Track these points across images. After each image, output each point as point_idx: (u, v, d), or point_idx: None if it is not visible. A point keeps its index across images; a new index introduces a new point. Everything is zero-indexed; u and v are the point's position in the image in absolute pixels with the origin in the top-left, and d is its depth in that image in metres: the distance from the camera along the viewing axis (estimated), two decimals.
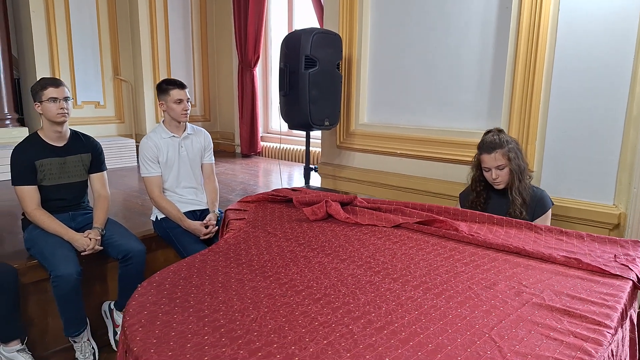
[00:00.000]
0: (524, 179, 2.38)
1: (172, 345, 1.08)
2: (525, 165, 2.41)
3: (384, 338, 1.14)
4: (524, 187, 2.37)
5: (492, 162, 2.34)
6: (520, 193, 2.36)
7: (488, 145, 2.36)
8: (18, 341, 2.39)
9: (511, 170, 2.34)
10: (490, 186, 2.44)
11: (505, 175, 2.35)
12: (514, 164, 2.34)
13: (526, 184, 2.39)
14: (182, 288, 1.37)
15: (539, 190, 2.46)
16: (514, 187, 2.36)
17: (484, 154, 2.37)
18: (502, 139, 2.37)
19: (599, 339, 1.15)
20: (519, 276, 1.50)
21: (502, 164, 2.33)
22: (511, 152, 2.34)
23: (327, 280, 1.44)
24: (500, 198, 2.40)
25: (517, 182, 2.35)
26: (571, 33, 2.64)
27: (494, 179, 2.36)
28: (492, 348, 1.11)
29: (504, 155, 2.33)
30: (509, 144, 2.36)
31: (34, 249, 2.51)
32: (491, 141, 2.37)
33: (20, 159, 2.50)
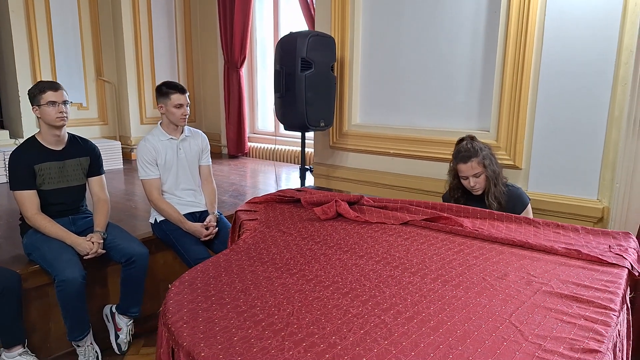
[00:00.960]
0: (498, 183, 2.47)
1: (220, 339, 1.16)
2: (499, 170, 2.51)
3: (415, 327, 1.24)
4: (500, 192, 2.47)
5: (469, 171, 2.43)
6: (496, 198, 2.46)
7: (464, 155, 2.44)
8: (20, 345, 2.41)
9: (487, 177, 2.44)
10: (469, 192, 2.54)
11: (482, 182, 2.46)
12: (490, 170, 2.44)
13: (501, 188, 2.48)
14: (214, 286, 1.45)
15: (514, 189, 2.57)
16: (490, 193, 2.46)
17: (460, 164, 2.46)
18: (476, 147, 2.46)
19: (607, 321, 1.28)
20: (527, 267, 1.63)
21: (478, 171, 2.43)
22: (486, 159, 2.44)
23: (351, 276, 1.54)
24: (479, 203, 2.47)
25: (492, 188, 2.46)
26: (557, 38, 2.81)
27: (472, 186, 2.46)
28: (514, 332, 1.23)
29: (480, 163, 2.42)
30: (483, 151, 2.46)
31: (35, 253, 2.52)
32: (466, 150, 2.45)
33: (19, 163, 2.51)
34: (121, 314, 2.77)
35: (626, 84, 2.65)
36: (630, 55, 2.62)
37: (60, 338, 2.64)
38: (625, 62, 2.65)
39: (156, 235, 3.00)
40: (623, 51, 2.64)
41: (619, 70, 2.67)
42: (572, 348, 1.16)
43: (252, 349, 1.12)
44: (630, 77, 2.63)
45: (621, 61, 2.66)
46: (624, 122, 2.67)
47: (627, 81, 2.64)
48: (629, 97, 2.64)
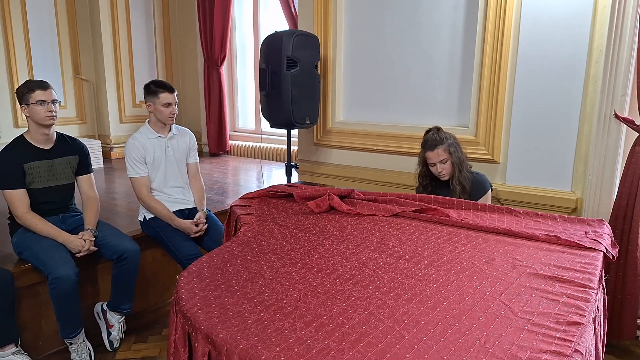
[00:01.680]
0: (463, 169, 2.66)
1: (235, 322, 1.24)
2: (464, 157, 2.69)
3: (414, 307, 1.35)
4: (464, 177, 2.65)
5: (436, 158, 2.62)
6: (460, 182, 2.64)
7: (430, 143, 2.64)
8: (13, 344, 2.42)
9: (452, 163, 2.63)
10: (436, 178, 2.72)
11: (449, 167, 2.64)
12: (455, 157, 2.63)
13: (466, 174, 2.67)
14: (221, 276, 1.52)
15: (479, 175, 2.75)
16: (454, 178, 2.65)
17: (427, 152, 2.65)
18: (441, 136, 2.65)
19: (587, 297, 1.42)
20: (512, 253, 1.76)
21: (444, 158, 2.61)
22: (451, 146, 2.63)
23: (350, 264, 1.64)
24: (446, 189, 2.68)
25: (457, 173, 2.64)
26: (532, 38, 2.94)
27: (439, 172, 2.64)
28: (504, 309, 1.34)
29: (445, 150, 2.61)
30: (448, 140, 2.65)
31: (26, 252, 2.54)
32: (433, 139, 2.65)
33: (8, 162, 2.52)
34: (112, 310, 2.80)
35: (597, 81, 2.79)
36: (600, 54, 2.76)
37: (52, 336, 2.66)
38: (595, 60, 2.80)
39: (145, 232, 3.04)
40: (594, 51, 2.79)
41: (590, 68, 2.82)
42: (557, 321, 1.28)
43: (266, 330, 1.21)
44: (600, 75, 2.76)
45: (592, 60, 2.81)
46: (595, 118, 2.81)
47: (598, 79, 2.78)
48: (599, 94, 2.77)
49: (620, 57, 2.68)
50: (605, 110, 2.77)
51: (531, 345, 1.17)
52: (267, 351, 1.11)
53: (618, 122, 2.74)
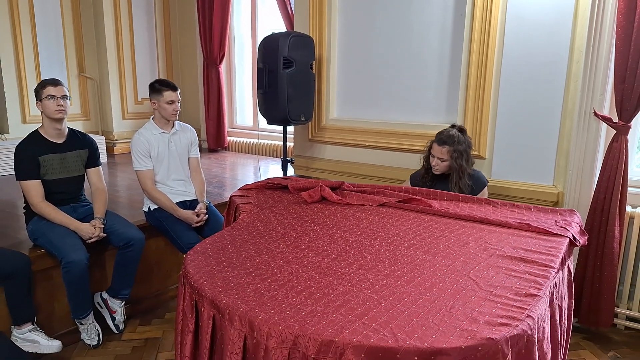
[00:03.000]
0: (463, 177, 2.77)
1: (235, 291, 1.44)
2: (467, 166, 2.79)
3: (392, 281, 1.55)
4: (464, 184, 2.78)
5: (437, 153, 2.78)
6: (460, 189, 2.77)
7: (441, 138, 2.78)
8: (29, 323, 2.62)
9: (450, 167, 2.77)
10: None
11: (444, 167, 2.79)
12: (455, 163, 2.75)
13: (466, 182, 2.79)
14: (223, 254, 1.72)
15: (476, 174, 2.89)
16: (452, 183, 2.78)
17: (435, 143, 2.81)
18: (455, 139, 2.76)
19: (546, 275, 1.61)
20: (485, 238, 1.96)
21: (444, 157, 2.76)
22: (456, 152, 2.75)
23: (337, 246, 1.84)
24: (443, 186, 2.80)
25: (455, 178, 2.77)
26: (516, 39, 3.12)
27: (433, 165, 2.82)
28: (471, 283, 1.54)
29: (449, 152, 2.75)
30: (459, 145, 2.75)
31: (41, 239, 2.73)
32: (447, 136, 2.77)
33: (25, 155, 2.71)
34: (112, 296, 2.98)
35: (577, 80, 2.95)
36: (580, 54, 2.93)
37: (64, 317, 2.86)
38: (576, 60, 2.97)
39: (149, 222, 3.22)
40: (575, 51, 2.96)
41: (571, 68, 2.99)
42: (516, 293, 1.48)
43: (262, 297, 1.40)
44: (580, 74, 2.92)
45: (573, 60, 2.98)
46: (575, 115, 2.98)
47: (578, 78, 2.94)
48: (580, 92, 2.93)
49: (600, 58, 2.84)
50: (585, 108, 2.93)
51: (490, 311, 1.36)
52: (264, 313, 1.31)
53: (597, 120, 2.90)
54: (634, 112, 2.77)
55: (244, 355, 1.33)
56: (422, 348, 1.18)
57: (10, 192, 4.23)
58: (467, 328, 1.26)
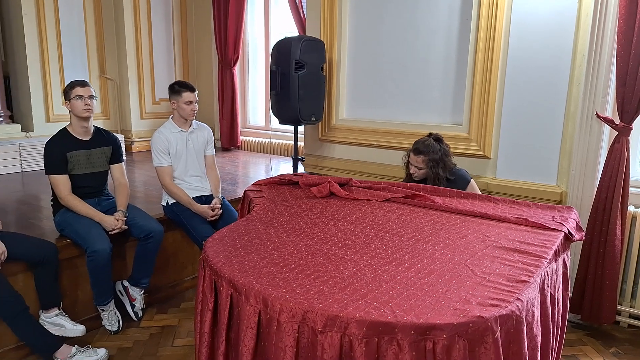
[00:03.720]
0: (439, 183, 2.87)
1: (251, 273, 1.58)
2: (443, 174, 2.89)
3: (394, 267, 1.68)
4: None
5: (414, 162, 2.92)
6: None
7: (417, 148, 2.91)
8: (56, 308, 2.79)
9: (427, 174, 2.90)
10: None
11: (422, 174, 2.93)
12: (431, 172, 2.88)
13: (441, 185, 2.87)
14: (239, 242, 1.87)
15: (458, 171, 3.00)
16: None
17: (411, 153, 2.94)
18: (430, 148, 2.86)
19: (538, 264, 1.73)
20: (483, 231, 2.08)
21: (421, 166, 2.90)
22: (432, 161, 2.87)
23: (344, 236, 1.97)
24: None
25: (431, 183, 2.87)
26: (520, 43, 3.23)
27: (411, 172, 2.96)
28: (467, 270, 1.66)
29: (424, 162, 2.88)
30: (435, 155, 2.86)
31: (68, 229, 2.90)
32: (423, 145, 2.89)
33: (54, 151, 2.88)
34: (133, 285, 3.15)
35: (580, 83, 3.05)
36: (583, 59, 3.03)
37: (87, 304, 3.03)
38: (579, 65, 3.07)
39: (167, 216, 3.39)
40: (577, 55, 3.06)
41: (574, 72, 3.09)
42: (508, 280, 1.60)
43: (275, 279, 1.54)
44: (583, 78, 3.02)
45: (575, 64, 3.08)
46: (578, 117, 3.07)
47: (581, 81, 3.04)
48: (582, 95, 3.03)
49: (602, 62, 2.94)
50: (588, 110, 3.03)
51: (482, 294, 1.49)
52: (276, 291, 1.45)
53: (599, 122, 3.00)
54: (634, 114, 2.86)
55: (258, 329, 1.47)
56: (418, 323, 1.31)
57: (35, 186, 4.44)
58: (460, 308, 1.39)
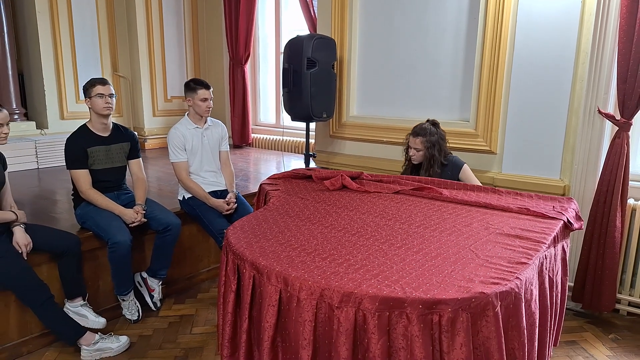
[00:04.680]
0: (434, 165, 3.13)
1: (271, 256, 1.75)
2: (439, 157, 3.13)
3: (403, 251, 1.84)
4: (434, 172, 3.13)
5: (412, 144, 3.18)
6: (430, 175, 3.12)
7: (416, 131, 3.18)
8: (80, 298, 2.96)
9: (424, 155, 3.14)
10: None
11: (420, 157, 3.17)
12: (428, 153, 3.13)
13: (435, 170, 3.13)
14: (258, 230, 2.04)
15: (451, 157, 3.23)
16: (423, 170, 3.17)
17: (410, 135, 3.20)
18: (427, 130, 3.15)
19: (537, 248, 1.89)
20: (487, 219, 2.24)
21: (419, 147, 3.14)
22: (429, 142, 3.13)
23: (356, 224, 2.14)
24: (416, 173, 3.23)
25: (426, 166, 3.16)
26: (526, 42, 3.37)
27: (411, 155, 3.21)
28: (471, 254, 1.83)
29: (422, 143, 3.13)
30: (432, 137, 3.13)
31: (89, 222, 3.08)
32: (420, 128, 3.17)
33: (75, 146, 3.06)
34: (151, 276, 3.32)
35: (583, 80, 3.19)
36: (586, 56, 3.17)
37: (107, 294, 3.21)
38: (582, 62, 3.20)
39: (184, 209, 3.56)
40: (580, 53, 3.19)
41: (577, 69, 3.23)
42: (509, 261, 1.76)
43: (294, 261, 1.71)
44: (586, 75, 3.16)
45: (579, 61, 3.21)
46: (581, 113, 3.21)
47: (584, 78, 3.18)
48: (585, 92, 3.17)
49: (604, 60, 3.08)
50: (590, 107, 3.17)
51: (485, 274, 1.65)
52: (295, 272, 1.62)
53: (601, 118, 3.14)
54: (635, 110, 3.01)
55: (279, 307, 1.63)
56: (425, 298, 1.47)
57: (52, 182, 4.63)
58: (464, 285, 1.55)
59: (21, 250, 2.68)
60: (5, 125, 2.67)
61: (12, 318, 2.81)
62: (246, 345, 1.77)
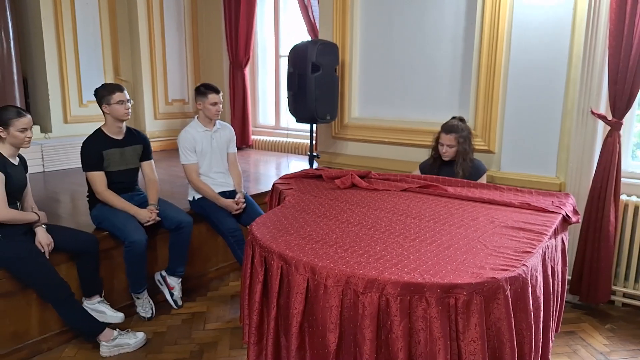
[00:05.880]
0: (467, 159, 3.32)
1: (296, 249, 1.91)
2: (470, 150, 3.35)
3: (417, 243, 2.01)
4: (466, 166, 3.33)
5: (446, 141, 3.32)
6: (462, 169, 3.32)
7: (448, 128, 3.34)
8: (98, 295, 3.09)
9: (457, 151, 3.31)
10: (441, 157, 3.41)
11: (452, 153, 3.33)
12: (461, 148, 3.31)
13: (468, 164, 3.32)
14: (280, 225, 2.19)
15: (477, 163, 3.42)
16: (457, 164, 3.33)
17: (442, 133, 3.36)
18: (459, 127, 3.34)
19: (540, 239, 2.07)
20: (492, 214, 2.42)
21: (452, 144, 3.31)
22: (461, 138, 3.31)
23: (370, 219, 2.30)
24: (449, 169, 3.36)
25: (460, 160, 3.32)
26: (521, 45, 3.55)
27: (443, 152, 3.35)
28: (480, 245, 2.00)
29: (456, 139, 3.30)
30: (463, 132, 3.33)
31: (105, 222, 3.21)
32: (452, 125, 3.35)
33: (91, 149, 3.19)
34: (170, 274, 3.46)
35: (576, 82, 3.37)
36: (578, 60, 3.35)
37: (122, 293, 3.35)
38: (575, 65, 3.39)
39: (194, 210, 3.69)
40: (573, 57, 3.38)
41: (570, 71, 3.42)
42: (515, 251, 1.93)
43: (318, 253, 1.87)
44: (579, 77, 3.34)
45: (572, 64, 3.40)
46: (575, 113, 3.39)
47: (577, 81, 3.36)
48: (578, 93, 3.35)
49: (595, 63, 3.27)
50: (583, 107, 3.35)
51: (494, 262, 1.82)
52: (322, 262, 1.78)
53: (594, 118, 3.33)
54: (625, 110, 3.21)
55: (307, 294, 1.79)
56: (442, 283, 1.63)
57: (60, 185, 4.75)
58: (477, 272, 1.72)
59: (43, 249, 2.81)
60: (29, 129, 2.80)
61: (33, 316, 2.93)
62: (274, 332, 1.92)
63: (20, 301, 2.88)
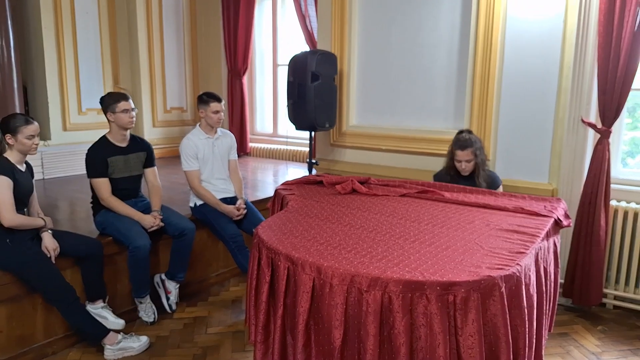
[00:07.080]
0: (484, 168, 3.38)
1: (302, 250, 2.02)
2: (485, 158, 3.41)
3: (417, 244, 2.12)
4: (486, 175, 3.37)
5: (463, 157, 3.30)
6: (484, 180, 3.35)
7: (462, 144, 3.30)
8: (101, 300, 3.17)
9: (476, 163, 3.33)
10: (459, 173, 3.41)
11: (471, 167, 3.34)
12: (479, 159, 3.33)
13: (485, 172, 3.39)
14: (284, 228, 2.31)
15: (492, 173, 3.50)
16: (480, 176, 3.34)
17: (458, 150, 3.32)
18: (472, 140, 3.32)
19: (532, 240, 2.19)
20: (487, 218, 2.54)
21: (470, 158, 3.30)
22: (477, 150, 3.32)
23: (371, 223, 2.42)
24: (467, 182, 3.36)
25: (480, 172, 3.34)
26: (514, 56, 3.70)
27: (463, 168, 3.34)
28: (476, 246, 2.12)
29: (473, 152, 3.30)
30: (476, 144, 3.33)
31: (109, 228, 3.30)
32: (465, 140, 3.31)
33: (96, 156, 3.29)
34: (170, 279, 3.55)
35: (567, 92, 3.52)
36: (569, 70, 3.50)
37: (125, 298, 3.43)
38: (565, 75, 3.54)
39: (195, 216, 3.79)
40: (564, 67, 3.53)
41: (562, 81, 3.56)
42: (509, 251, 2.05)
43: (323, 254, 1.98)
44: (569, 87, 3.49)
45: (563, 74, 3.55)
46: (566, 122, 3.54)
47: (568, 90, 3.51)
48: (569, 103, 3.50)
49: (585, 73, 3.43)
50: (574, 116, 3.51)
51: (490, 261, 1.94)
52: (327, 262, 1.89)
53: (584, 126, 3.48)
54: (614, 118, 3.36)
55: (312, 293, 1.90)
56: (442, 281, 1.75)
57: (60, 192, 4.84)
58: (474, 270, 1.83)
59: (50, 254, 2.90)
60: (36, 136, 2.90)
61: (38, 320, 3.02)
62: (281, 330, 2.03)
63: (26, 306, 2.96)
